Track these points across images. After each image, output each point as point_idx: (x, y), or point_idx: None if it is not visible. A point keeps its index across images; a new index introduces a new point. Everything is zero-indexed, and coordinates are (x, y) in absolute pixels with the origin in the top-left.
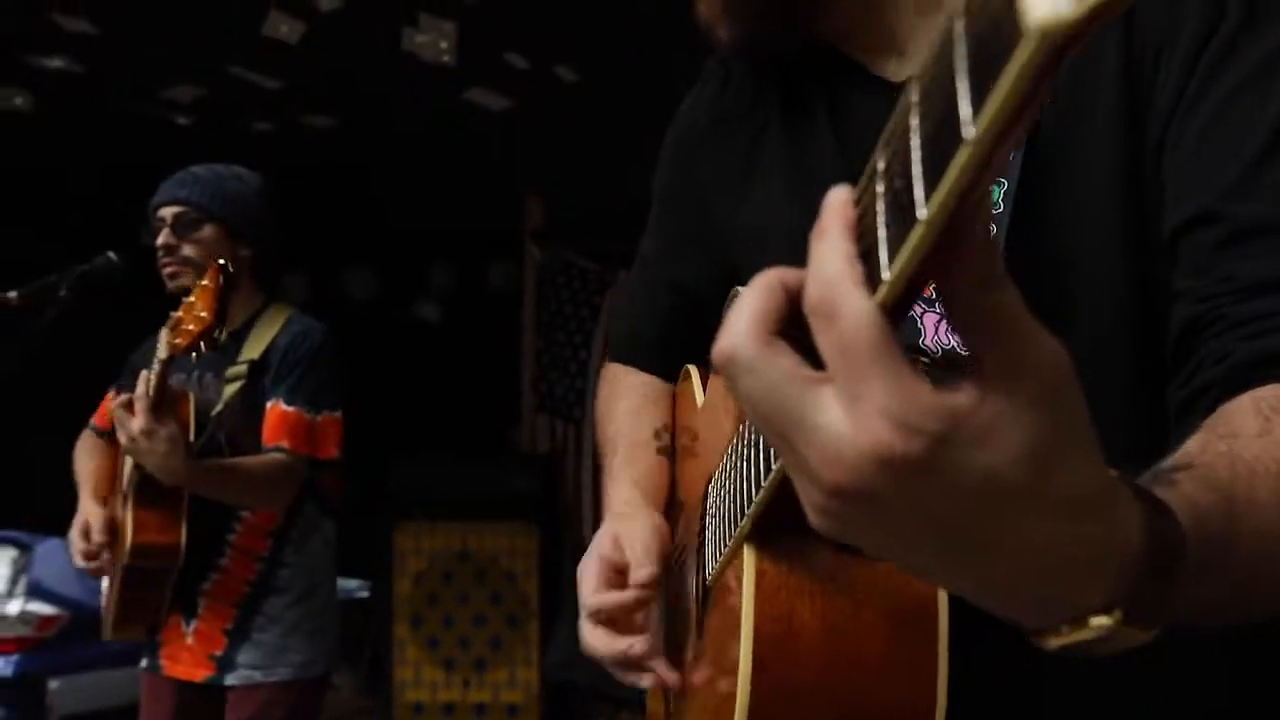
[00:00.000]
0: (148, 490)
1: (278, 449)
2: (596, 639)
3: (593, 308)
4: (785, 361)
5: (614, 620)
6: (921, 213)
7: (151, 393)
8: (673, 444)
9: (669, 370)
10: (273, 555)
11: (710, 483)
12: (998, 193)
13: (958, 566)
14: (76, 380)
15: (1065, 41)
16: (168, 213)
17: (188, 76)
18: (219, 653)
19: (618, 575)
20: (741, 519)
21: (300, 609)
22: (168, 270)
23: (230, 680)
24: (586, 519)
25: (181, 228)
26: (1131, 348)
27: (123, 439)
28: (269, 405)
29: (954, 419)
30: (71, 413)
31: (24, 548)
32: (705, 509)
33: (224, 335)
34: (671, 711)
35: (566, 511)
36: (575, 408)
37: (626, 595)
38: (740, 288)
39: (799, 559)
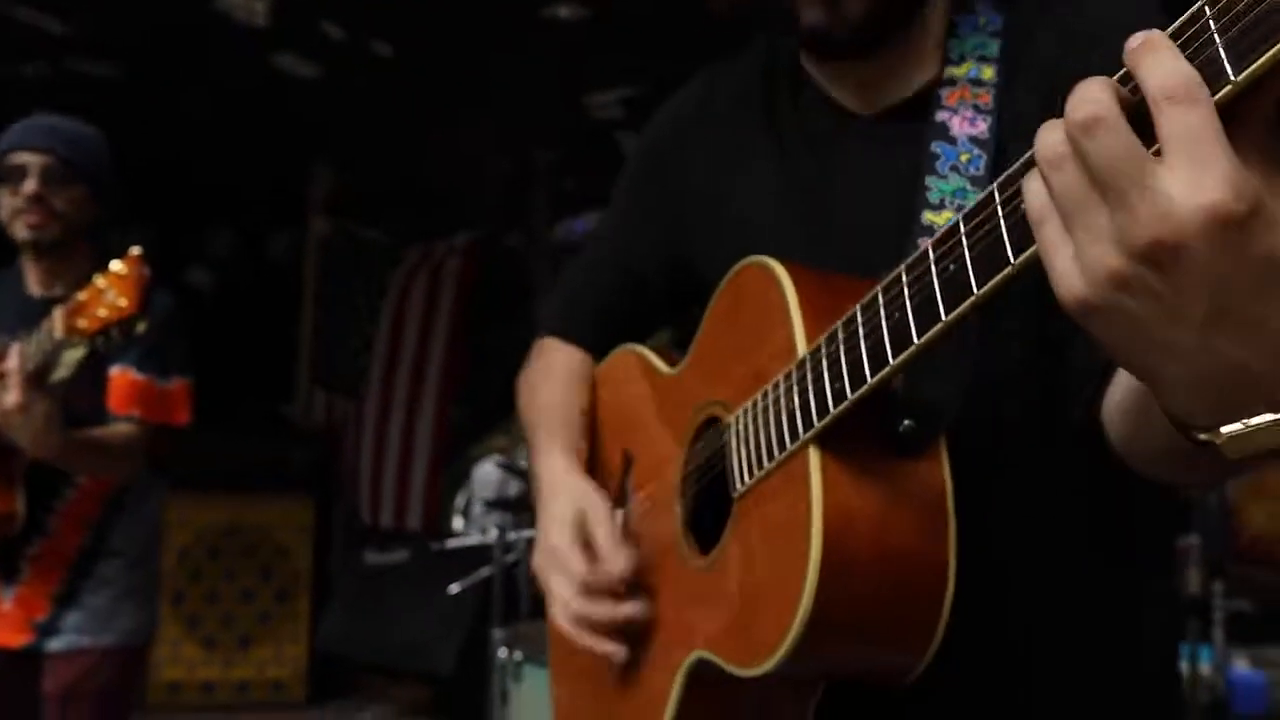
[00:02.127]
0: None
1: (130, 419)
2: (579, 635)
3: (380, 283)
4: (1133, 136)
5: (605, 593)
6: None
7: (32, 368)
8: (592, 421)
9: (598, 342)
10: (104, 520)
11: (706, 425)
12: (974, 199)
13: (1209, 343)
14: None
15: None
16: (33, 161)
17: None
18: (42, 618)
19: (588, 585)
20: (810, 426)
21: (135, 574)
22: (35, 220)
23: (53, 646)
24: (364, 494)
25: (52, 180)
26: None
27: None
28: (115, 372)
29: (1264, 199)
30: None
31: None
32: (716, 442)
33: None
34: (648, 633)
35: (341, 487)
36: (356, 383)
37: (616, 614)
38: (758, 258)
39: (852, 458)
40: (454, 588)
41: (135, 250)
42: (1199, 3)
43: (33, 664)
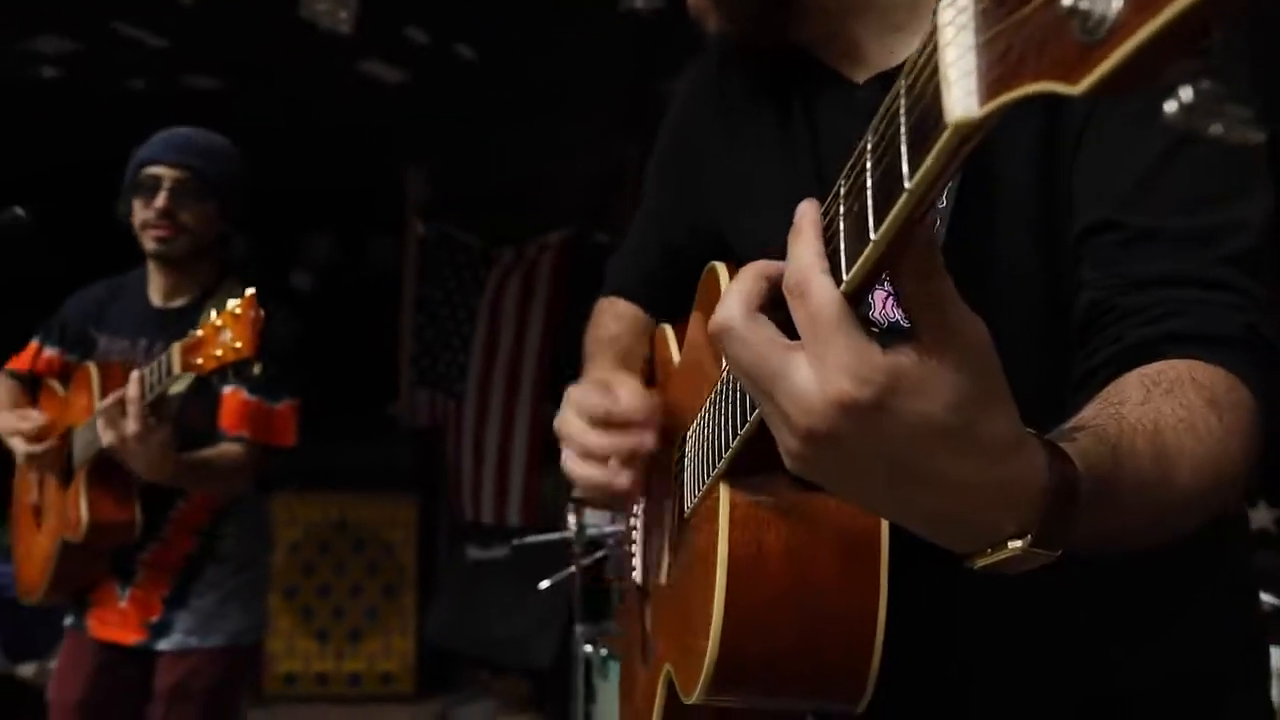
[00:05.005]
0: (101, 470)
1: (239, 439)
2: (587, 470)
3: (477, 284)
4: (767, 332)
5: (602, 458)
6: (873, 235)
7: (151, 398)
8: (650, 375)
9: (654, 306)
10: (212, 529)
11: (686, 432)
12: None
13: (903, 499)
14: None
15: (973, 131)
16: (167, 175)
17: (61, 29)
18: (155, 619)
19: (605, 415)
20: (719, 461)
21: (239, 578)
22: (161, 234)
23: (163, 646)
24: (466, 491)
25: (183, 194)
26: (1045, 330)
27: (110, 439)
28: (227, 391)
29: (897, 373)
30: None
31: None
32: (683, 453)
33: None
34: (647, 635)
35: (444, 484)
36: (456, 383)
37: (623, 442)
38: (714, 262)
39: (766, 495)
40: (544, 584)
41: (250, 290)
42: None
43: (145, 661)
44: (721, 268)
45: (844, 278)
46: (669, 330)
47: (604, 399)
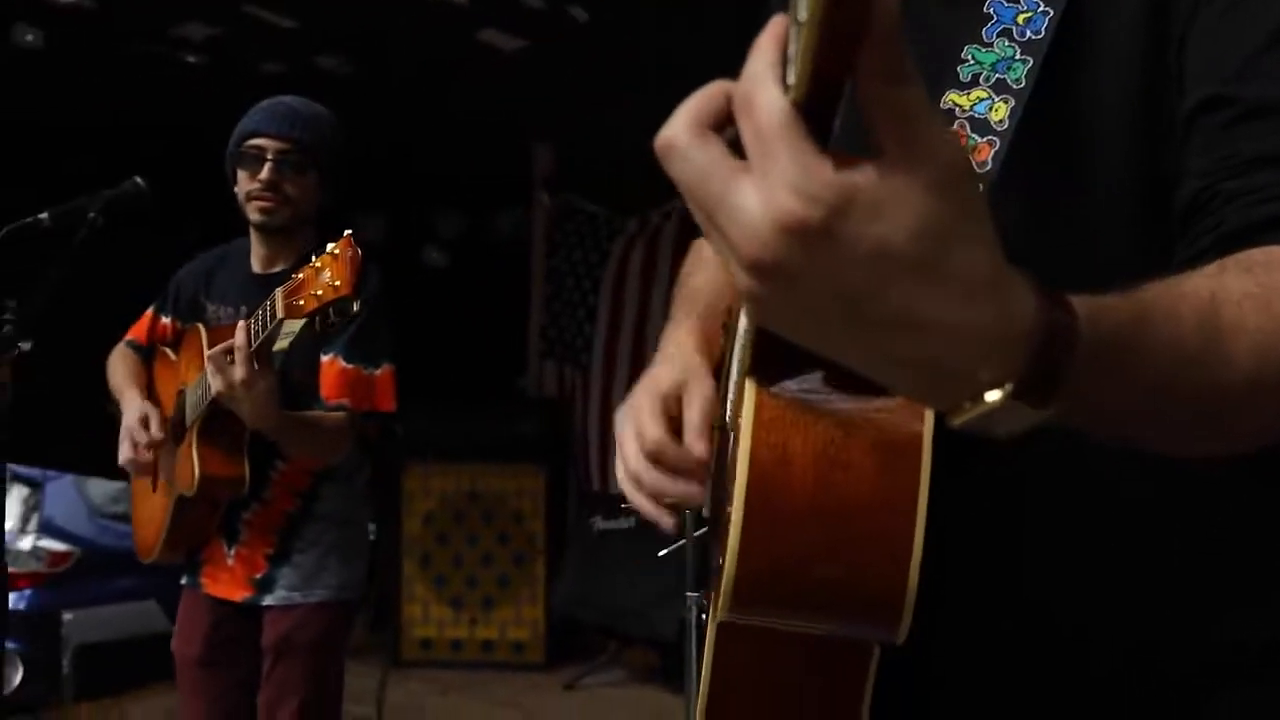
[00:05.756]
0: (211, 426)
1: (340, 407)
2: (635, 497)
3: (602, 254)
4: (714, 150)
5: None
6: (802, 15)
7: (256, 345)
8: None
9: None
10: (312, 490)
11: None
12: (1021, 69)
13: (865, 342)
14: (98, 305)
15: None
16: (270, 146)
17: (200, 15)
18: (259, 575)
19: (672, 422)
20: (743, 362)
21: (337, 534)
22: (266, 204)
23: (268, 600)
24: (594, 462)
25: (287, 166)
26: (1139, 220)
27: (219, 386)
28: (326, 359)
29: (851, 191)
30: (91, 342)
31: (35, 485)
32: (730, 358)
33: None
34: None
35: (572, 455)
36: (583, 354)
37: (686, 456)
38: None
39: (796, 394)
40: (662, 553)
41: (348, 232)
42: None
43: (253, 617)
44: None
45: (789, 82)
46: None
47: (662, 434)
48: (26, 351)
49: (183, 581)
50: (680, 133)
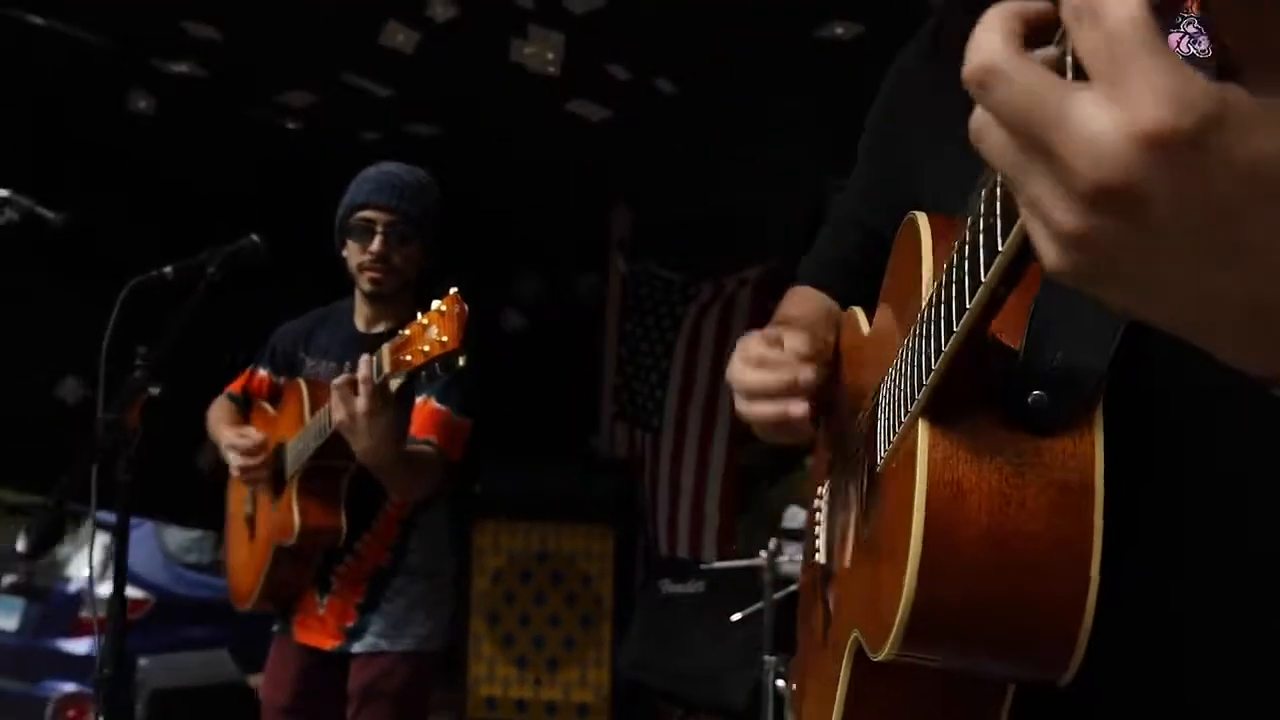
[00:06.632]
0: (311, 478)
1: (428, 442)
2: (753, 409)
3: (675, 319)
4: (1040, 67)
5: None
6: None
7: (379, 381)
8: (835, 363)
9: (848, 292)
10: (401, 542)
11: (879, 391)
12: None
13: (1208, 279)
14: (205, 361)
15: None
16: (380, 218)
17: (302, 83)
18: (350, 624)
19: (761, 359)
20: (919, 393)
21: (424, 584)
22: (376, 275)
23: (356, 648)
24: (662, 525)
25: (395, 238)
26: None
27: (341, 415)
28: (420, 400)
29: (1228, 101)
30: (195, 396)
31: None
32: (876, 407)
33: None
34: (830, 615)
35: (641, 517)
36: (654, 416)
37: (781, 376)
38: (915, 212)
39: (969, 433)
40: (735, 616)
41: (454, 290)
42: None
43: (341, 665)
44: (922, 217)
45: None
46: (859, 312)
47: (767, 347)
48: (156, 396)
49: (274, 629)
50: (1001, 51)
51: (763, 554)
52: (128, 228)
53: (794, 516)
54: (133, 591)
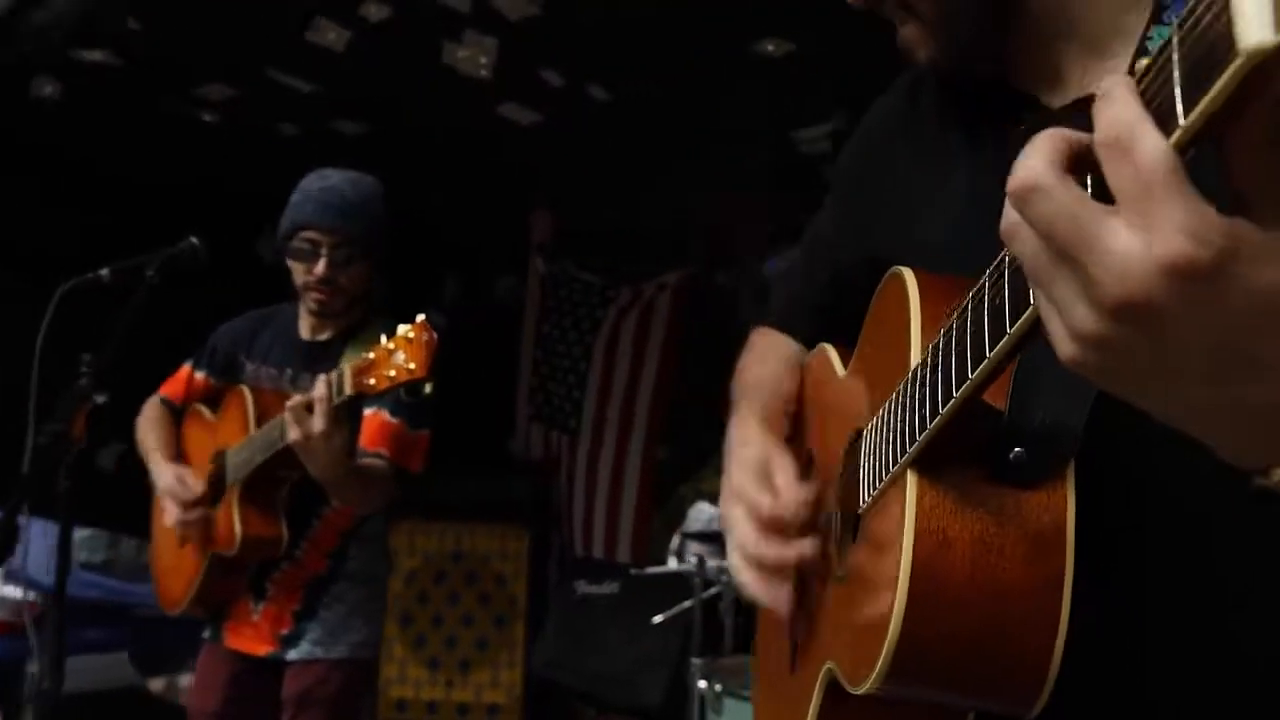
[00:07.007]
0: (253, 487)
1: (378, 455)
2: (757, 584)
3: (594, 321)
4: (1079, 191)
5: (781, 529)
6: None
7: (337, 402)
8: (798, 411)
9: (815, 334)
10: (340, 551)
11: (861, 430)
12: None
13: (1214, 390)
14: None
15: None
16: (324, 240)
17: (223, 77)
18: (285, 631)
19: (769, 518)
20: (909, 447)
21: (363, 590)
22: (321, 298)
23: (291, 655)
24: (577, 526)
25: (340, 259)
26: None
27: (296, 436)
28: (369, 412)
29: (1241, 237)
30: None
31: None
32: (858, 449)
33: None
34: (799, 643)
35: (556, 518)
36: (571, 418)
37: (789, 553)
38: (900, 267)
39: (955, 485)
40: (657, 619)
41: (421, 316)
42: (1170, 34)
43: (274, 671)
44: (909, 274)
45: (1180, 123)
46: (830, 350)
47: (764, 493)
48: (101, 404)
49: (204, 636)
50: (1044, 172)
51: (691, 560)
52: (39, 213)
53: (700, 513)
54: (14, 592)
